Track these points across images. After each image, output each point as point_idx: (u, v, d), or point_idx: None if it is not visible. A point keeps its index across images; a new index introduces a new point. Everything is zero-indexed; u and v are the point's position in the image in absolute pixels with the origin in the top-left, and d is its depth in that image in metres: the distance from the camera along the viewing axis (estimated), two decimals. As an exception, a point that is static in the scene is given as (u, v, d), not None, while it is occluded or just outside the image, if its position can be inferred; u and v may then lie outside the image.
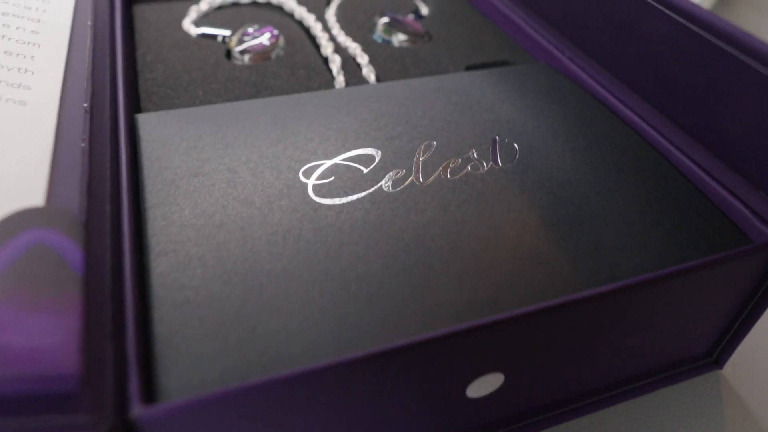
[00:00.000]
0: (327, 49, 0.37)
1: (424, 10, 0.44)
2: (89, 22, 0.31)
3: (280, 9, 0.42)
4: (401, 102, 0.31)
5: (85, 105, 0.25)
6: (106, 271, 0.19)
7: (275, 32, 0.38)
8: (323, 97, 0.31)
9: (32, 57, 0.26)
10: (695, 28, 0.26)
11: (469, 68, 0.37)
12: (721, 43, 0.25)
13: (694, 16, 0.25)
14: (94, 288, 0.18)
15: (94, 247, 0.19)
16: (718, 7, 0.62)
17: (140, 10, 0.41)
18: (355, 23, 0.41)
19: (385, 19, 0.40)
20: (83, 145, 0.23)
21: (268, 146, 0.28)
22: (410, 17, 0.42)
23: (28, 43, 0.26)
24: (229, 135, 0.28)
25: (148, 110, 0.31)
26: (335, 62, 0.35)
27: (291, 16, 0.41)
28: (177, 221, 0.24)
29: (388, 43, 0.39)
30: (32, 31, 0.27)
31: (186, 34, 0.38)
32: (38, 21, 0.28)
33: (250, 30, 0.38)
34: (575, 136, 0.30)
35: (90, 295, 0.18)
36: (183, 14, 0.41)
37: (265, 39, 0.37)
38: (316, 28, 0.39)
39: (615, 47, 0.33)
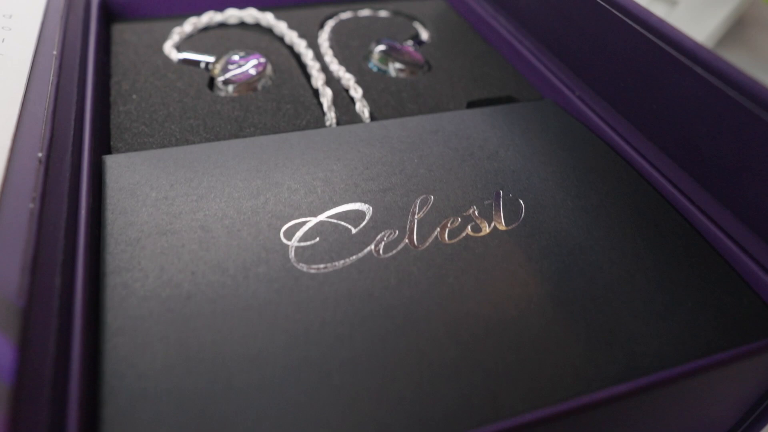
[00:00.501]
0: (318, 80, 0.34)
1: (425, 35, 0.41)
2: (55, 51, 0.28)
3: (269, 32, 0.39)
4: (396, 146, 0.29)
5: (40, 155, 0.22)
6: (46, 369, 0.17)
7: (262, 60, 0.35)
8: (311, 138, 0.29)
9: (-19, 98, 0.23)
10: (724, 87, 0.23)
11: (470, 105, 0.34)
12: (752, 106, 0.22)
13: (723, 73, 0.23)
14: (27, 397, 0.15)
15: (33, 343, 0.16)
16: (731, 33, 0.59)
17: (119, 30, 0.38)
18: (350, 49, 0.38)
19: (381, 47, 0.37)
20: (31, 206, 0.20)
21: (247, 198, 0.25)
22: (409, 44, 0.39)
23: (-21, 80, 0.24)
24: (205, 183, 0.26)
25: (118, 150, 0.28)
26: (326, 96, 0.33)
27: (281, 40, 0.39)
28: (139, 291, 0.21)
29: (384, 72, 0.36)
30: (-14, 66, 0.25)
31: (167, 59, 0.35)
32: (-6, 53, 0.25)
33: (236, 57, 0.35)
34: (587, 191, 0.27)
35: (21, 409, 0.15)
36: (165, 36, 0.38)
37: (251, 67, 0.34)
38: (307, 56, 0.36)
39: (632, 91, 0.30)
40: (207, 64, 0.35)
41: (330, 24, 0.41)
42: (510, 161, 0.28)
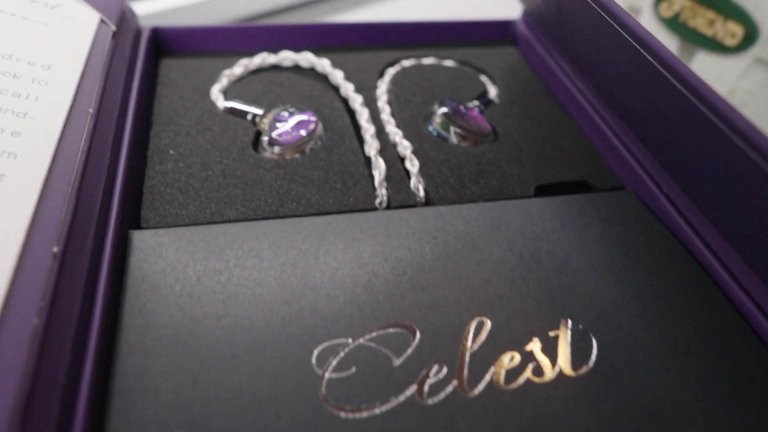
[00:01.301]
0: (371, 148, 0.31)
1: (493, 92, 0.38)
2: (91, 109, 0.26)
3: (325, 79, 0.36)
4: (452, 244, 0.25)
5: (55, 249, 0.20)
6: None
7: (313, 119, 0.32)
8: (357, 225, 0.26)
9: (2, 176, 0.21)
10: None
11: (540, 190, 0.31)
12: None
13: None
14: None
15: None
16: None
17: (167, 67, 0.36)
18: (410, 106, 0.35)
19: (444, 110, 0.34)
20: (36, 321, 0.18)
21: (279, 304, 0.22)
22: (475, 106, 0.35)
23: (3, 153, 0.21)
24: (235, 279, 0.23)
25: (148, 221, 0.26)
26: (379, 168, 0.29)
27: (336, 90, 0.36)
28: (146, 418, 0.19)
29: (444, 139, 0.33)
30: (12, 134, 0.22)
31: (213, 107, 0.33)
32: (24, 116, 0.23)
33: (285, 114, 0.32)
34: (674, 330, 0.23)
35: None
36: (214, 77, 0.35)
37: (301, 127, 0.31)
38: (362, 117, 0.33)
39: (726, 200, 0.26)
40: (254, 116, 0.32)
41: (390, 72, 0.38)
42: (582, 277, 0.25)
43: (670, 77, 0.23)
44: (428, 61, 0.40)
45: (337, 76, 0.36)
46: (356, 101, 0.34)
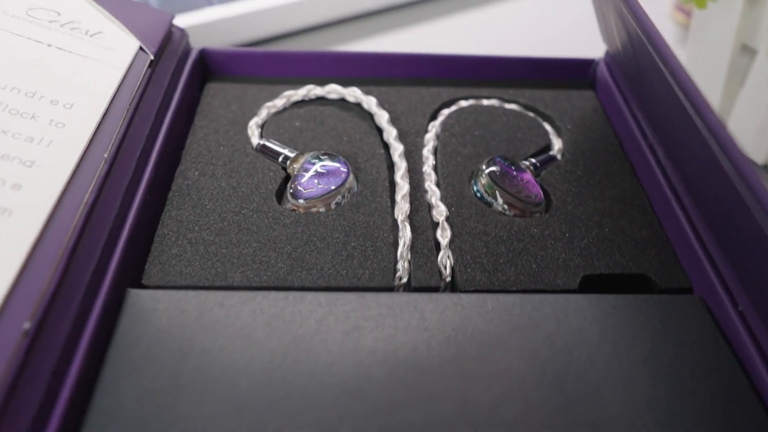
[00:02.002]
0: (400, 210, 0.28)
1: (557, 146, 0.33)
2: (106, 154, 0.25)
3: (370, 118, 0.34)
4: (464, 348, 0.22)
5: (26, 326, 0.19)
6: None
7: (344, 170, 0.29)
8: (364, 308, 0.23)
9: (-10, 236, 0.20)
10: None
11: (586, 280, 0.27)
12: None
13: None
14: None
15: None
16: None
17: (211, 92, 0.35)
18: (458, 157, 0.31)
19: (492, 169, 0.30)
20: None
21: (256, 404, 0.20)
22: (528, 166, 0.31)
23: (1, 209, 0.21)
24: (217, 367, 0.21)
25: (150, 276, 0.25)
26: (404, 238, 0.27)
27: (380, 131, 0.33)
28: None
29: (488, 204, 0.29)
30: (13, 186, 0.22)
31: (246, 143, 0.31)
32: (31, 165, 0.23)
33: (315, 161, 0.30)
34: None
35: None
36: (255, 106, 0.34)
37: (329, 178, 0.29)
38: (398, 172, 0.30)
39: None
40: (286, 158, 0.30)
41: (444, 114, 0.35)
42: (615, 410, 0.21)
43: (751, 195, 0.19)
44: (489, 102, 0.36)
45: (382, 118, 0.33)
46: (396, 151, 0.31)
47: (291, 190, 0.29)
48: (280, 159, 0.31)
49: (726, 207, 0.23)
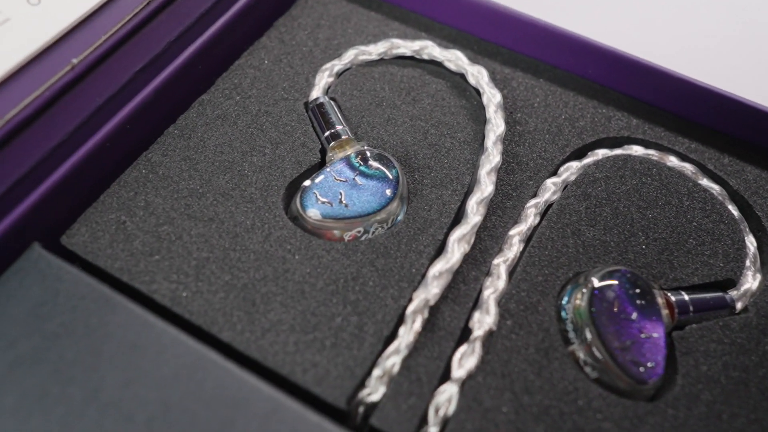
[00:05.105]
0: (429, 287, 0.18)
1: (749, 282, 0.20)
2: (75, 60, 0.18)
3: (476, 97, 0.23)
4: None
5: None
6: None
7: (390, 190, 0.20)
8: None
9: None
10: None
11: None
12: None
13: None
14: None
15: None
16: None
17: (298, 11, 0.25)
18: (571, 240, 0.20)
19: (602, 291, 0.18)
20: None
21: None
22: (667, 308, 0.19)
23: None
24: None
25: (73, 236, 0.19)
26: (407, 333, 0.17)
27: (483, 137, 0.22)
28: None
29: (566, 342, 0.18)
30: None
31: (297, 100, 0.23)
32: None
33: (359, 161, 0.20)
34: None
35: None
36: (351, 43, 0.24)
37: (363, 195, 0.20)
38: (471, 212, 0.19)
39: None
40: (331, 134, 0.21)
41: (598, 155, 0.22)
42: None
43: None
44: (679, 164, 0.22)
45: (491, 100, 0.22)
46: (484, 168, 0.20)
47: (303, 194, 0.20)
48: (325, 135, 0.22)
49: None
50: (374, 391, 0.17)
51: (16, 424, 0.15)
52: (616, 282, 0.18)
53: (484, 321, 0.18)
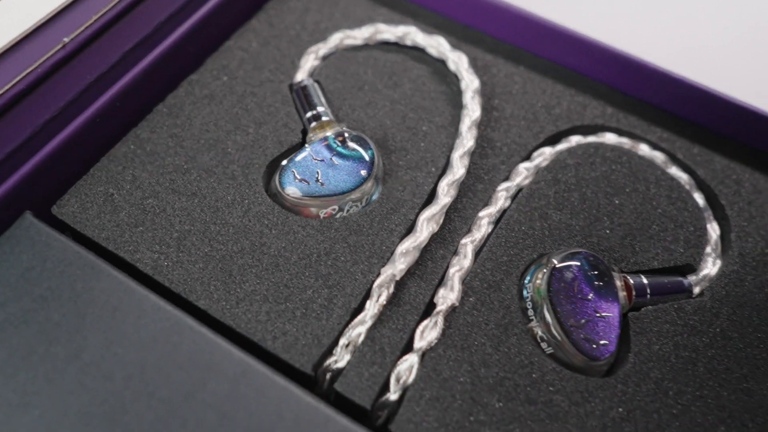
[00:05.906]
0: (397, 262, 0.19)
1: (708, 267, 0.21)
2: (66, 39, 0.19)
3: (454, 84, 0.23)
4: None
5: None
6: None
7: (364, 170, 0.21)
8: (236, 399, 0.16)
9: None
10: None
11: None
12: None
13: None
14: None
15: None
16: None
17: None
18: (537, 224, 0.21)
19: (561, 272, 0.19)
20: None
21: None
22: (625, 290, 0.20)
23: None
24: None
25: (63, 206, 0.20)
26: (373, 305, 0.18)
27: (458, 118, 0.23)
28: None
29: (527, 319, 0.19)
30: None
31: (281, 82, 0.23)
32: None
33: (337, 142, 0.21)
34: None
35: None
36: (337, 26, 0.25)
37: (339, 174, 0.21)
38: (443, 193, 0.20)
39: None
40: (312, 116, 0.22)
41: (572, 142, 0.23)
42: None
43: None
44: (650, 153, 0.23)
45: (469, 86, 0.22)
46: (457, 151, 0.21)
47: (282, 172, 0.21)
48: (307, 116, 0.22)
49: None
50: (340, 359, 0.18)
51: (4, 379, 0.16)
52: (576, 263, 0.19)
53: (447, 297, 0.19)
